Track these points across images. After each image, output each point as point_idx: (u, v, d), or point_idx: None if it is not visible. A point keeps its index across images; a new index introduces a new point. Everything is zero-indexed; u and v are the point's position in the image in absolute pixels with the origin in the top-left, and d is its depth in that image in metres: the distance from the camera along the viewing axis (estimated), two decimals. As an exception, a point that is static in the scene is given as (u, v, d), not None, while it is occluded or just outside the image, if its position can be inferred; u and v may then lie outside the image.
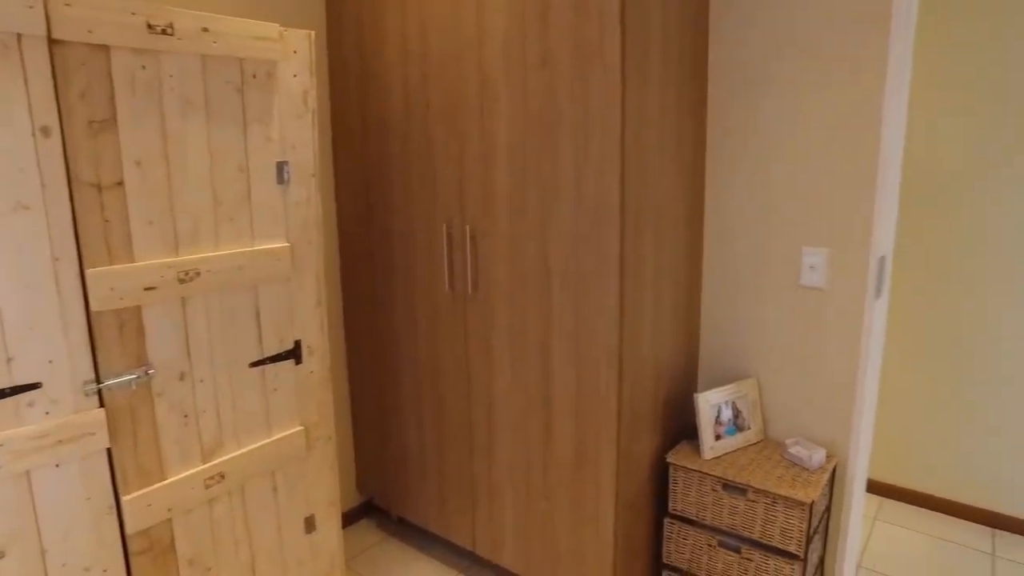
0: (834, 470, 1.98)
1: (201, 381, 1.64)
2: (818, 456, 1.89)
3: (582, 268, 1.79)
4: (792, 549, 1.80)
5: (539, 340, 1.93)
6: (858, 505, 2.08)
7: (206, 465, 1.67)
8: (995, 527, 2.66)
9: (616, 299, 1.74)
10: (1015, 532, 2.62)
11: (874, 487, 2.90)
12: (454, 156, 2.03)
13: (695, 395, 1.96)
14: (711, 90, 2.06)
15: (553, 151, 1.79)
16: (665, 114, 1.85)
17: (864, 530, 2.63)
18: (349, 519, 2.66)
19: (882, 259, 1.89)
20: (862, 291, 1.87)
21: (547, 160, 1.81)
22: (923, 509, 2.79)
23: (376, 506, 2.75)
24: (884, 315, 2.00)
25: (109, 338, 1.45)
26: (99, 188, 1.40)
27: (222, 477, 1.70)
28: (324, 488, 1.97)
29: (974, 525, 2.68)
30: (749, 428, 2.05)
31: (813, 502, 1.75)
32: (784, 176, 1.95)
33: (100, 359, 1.45)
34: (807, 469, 1.89)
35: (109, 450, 1.49)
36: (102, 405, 1.46)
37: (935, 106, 2.56)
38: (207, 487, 1.67)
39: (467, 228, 2.03)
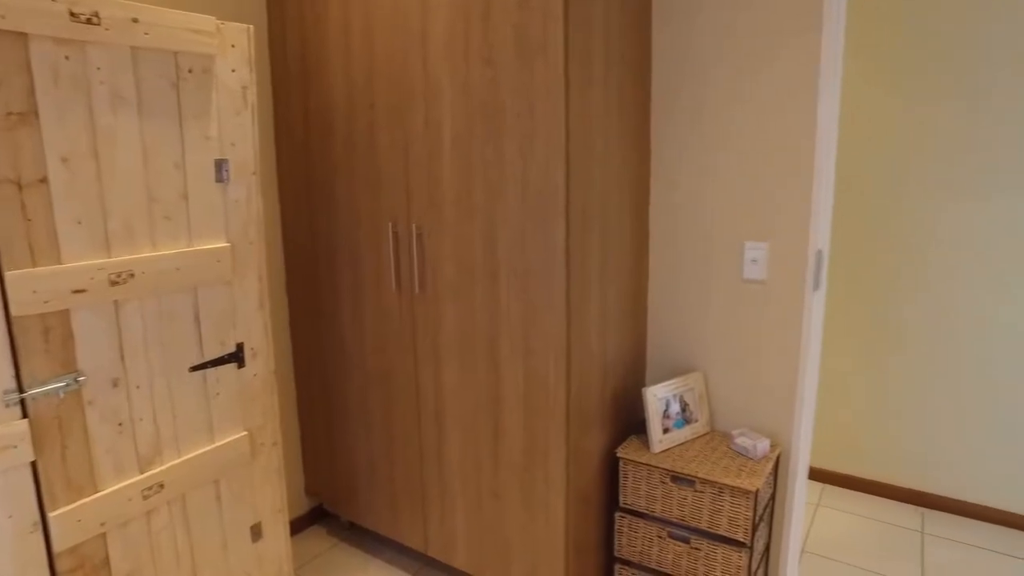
0: (778, 459, 2.03)
1: (137, 387, 1.57)
2: (762, 446, 1.93)
3: (529, 264, 1.79)
4: (739, 537, 1.84)
5: (487, 338, 1.92)
6: (801, 492, 2.15)
7: (143, 475, 1.60)
8: (924, 506, 2.78)
9: (563, 295, 1.74)
10: (940, 510, 2.75)
11: (817, 474, 3.00)
12: (400, 154, 2.00)
13: (643, 390, 1.98)
14: (655, 88, 2.09)
15: (498, 148, 1.79)
16: (609, 111, 1.87)
17: (808, 516, 2.72)
18: (298, 526, 2.60)
19: (819, 252, 1.95)
20: (801, 284, 1.93)
21: (492, 157, 1.80)
22: (861, 493, 2.90)
23: (326, 511, 2.69)
24: (822, 307, 2.07)
25: (32, 344, 1.38)
26: (19, 185, 1.32)
27: (161, 487, 1.63)
28: (270, 495, 1.91)
29: (906, 505, 2.80)
30: (697, 421, 2.09)
31: (758, 490, 1.79)
32: (726, 172, 2.00)
33: (22, 367, 1.37)
34: (752, 459, 1.94)
35: (34, 463, 1.41)
36: (25, 416, 1.38)
37: (871, 103, 2.66)
38: (145, 498, 1.60)
39: (413, 226, 2.01)
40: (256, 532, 1.89)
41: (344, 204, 2.18)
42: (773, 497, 2.06)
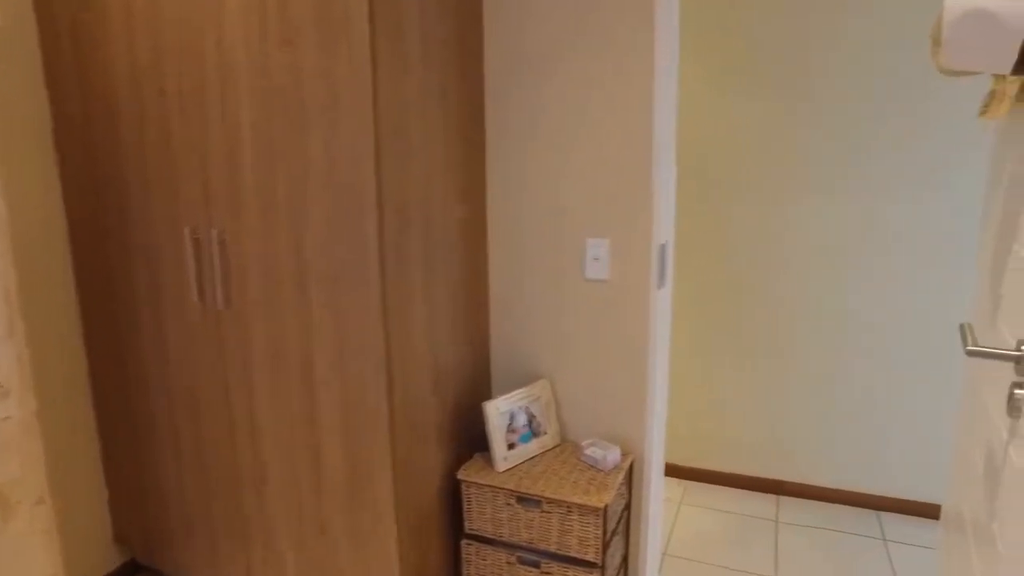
0: (631, 467, 1.93)
1: None
2: (613, 456, 1.82)
3: (340, 270, 1.57)
4: (590, 557, 1.72)
5: (300, 353, 1.68)
6: (657, 498, 2.07)
7: None
8: (780, 493, 2.82)
9: (379, 303, 1.54)
10: (794, 496, 2.80)
11: (680, 472, 2.98)
12: (196, 148, 1.72)
13: (484, 404, 1.82)
14: (488, 78, 1.93)
15: (302, 141, 1.56)
16: (431, 99, 1.68)
17: (670, 517, 2.67)
18: (106, 585, 2.23)
19: (663, 247, 1.86)
20: (646, 281, 1.83)
21: (296, 151, 1.57)
22: (723, 487, 2.90)
23: (141, 564, 2.34)
24: (668, 304, 1.99)
25: None
26: None
27: None
28: (38, 564, 1.58)
29: (763, 495, 2.83)
30: (545, 433, 1.95)
31: (606, 507, 1.67)
32: (565, 166, 1.87)
33: None
34: (603, 471, 1.82)
35: None
36: None
37: (713, 99, 2.64)
38: None
39: (214, 231, 1.73)
40: (22, 609, 1.55)
41: (137, 207, 1.86)
42: (628, 506, 1.96)
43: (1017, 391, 0.88)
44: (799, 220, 2.60)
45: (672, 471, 2.98)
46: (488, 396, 2.10)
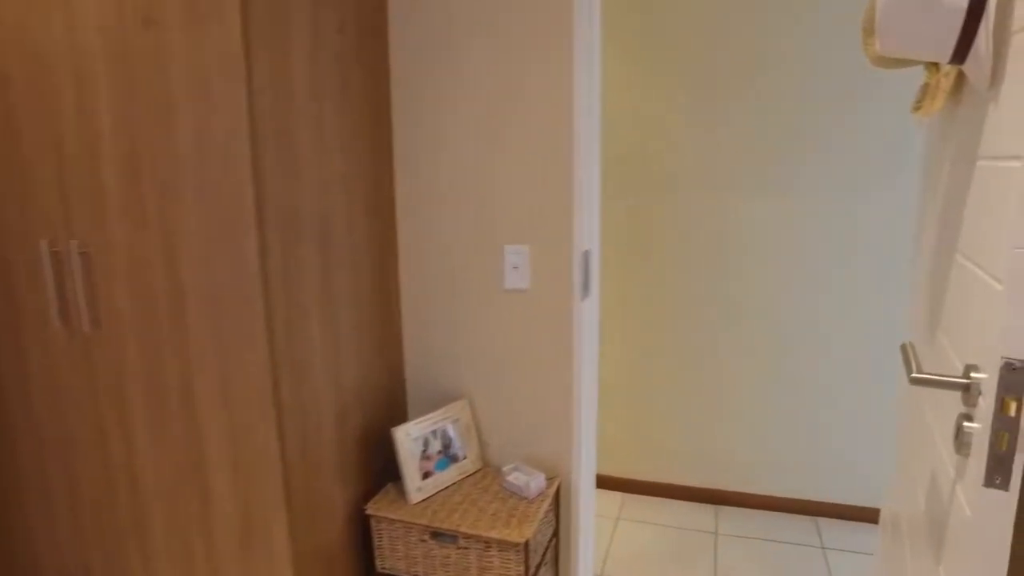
0: (558, 491, 1.79)
1: None
2: (536, 482, 1.67)
3: (220, 288, 1.37)
4: (512, 595, 1.56)
5: (181, 384, 1.47)
6: (588, 521, 1.93)
7: None
8: (718, 504, 2.74)
9: (263, 323, 1.35)
10: (733, 505, 2.72)
11: (616, 484, 2.86)
12: (50, 150, 1.48)
13: (392, 430, 1.64)
14: (395, 73, 1.75)
15: (170, 139, 1.35)
16: (324, 95, 1.50)
17: (607, 534, 2.55)
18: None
19: (586, 254, 1.72)
20: (568, 290, 1.69)
21: (163, 151, 1.36)
22: (662, 498, 2.80)
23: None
24: (595, 314, 1.86)
25: None
26: None
27: None
28: None
29: (702, 505, 2.74)
30: (465, 457, 1.78)
31: (527, 541, 1.52)
32: (481, 169, 1.71)
33: None
34: (526, 498, 1.67)
35: None
36: None
37: (640, 95, 2.53)
38: None
39: (74, 243, 1.50)
40: None
41: (-15, 217, 1.61)
42: (556, 534, 1.82)
43: (966, 424, 0.76)
44: (731, 221, 2.51)
45: (609, 483, 2.87)
46: (404, 419, 1.92)
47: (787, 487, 2.65)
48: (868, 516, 2.58)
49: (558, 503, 1.80)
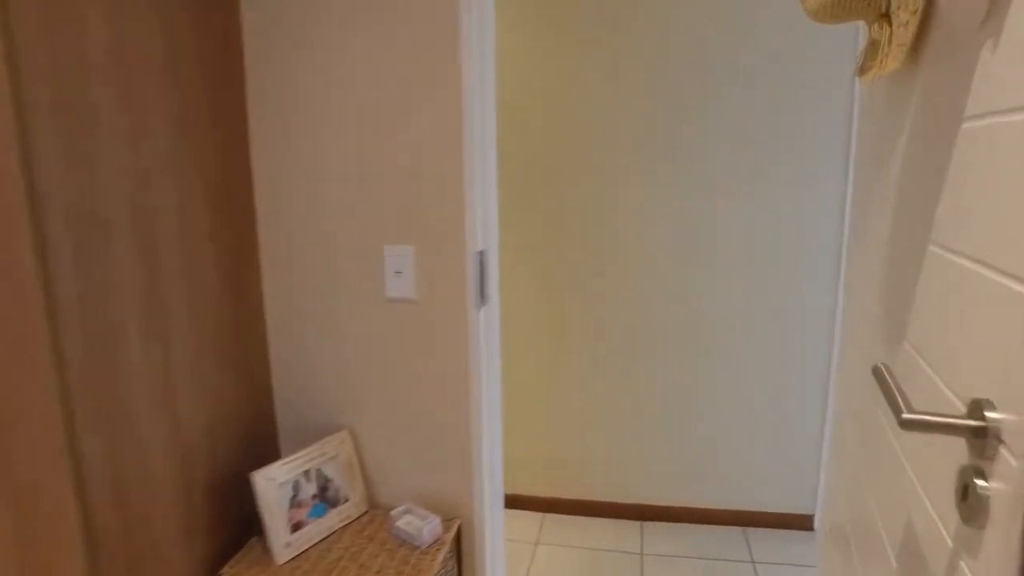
0: (459, 533, 1.52)
1: None
2: (431, 527, 1.40)
3: (-14, 314, 1.03)
4: (403, 669, 1.29)
5: (-52, 442, 1.11)
6: (497, 560, 1.68)
7: None
8: (642, 519, 2.55)
9: (49, 353, 1.02)
10: (658, 520, 2.54)
11: (535, 504, 2.63)
12: None
13: (252, 475, 1.33)
14: (249, 38, 1.43)
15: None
16: (133, 63, 1.17)
17: (524, 562, 2.31)
18: None
19: (482, 254, 1.46)
20: (462, 297, 1.43)
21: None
22: (581, 516, 2.58)
23: None
24: (496, 323, 1.60)
25: None
26: None
27: None
28: None
29: (626, 522, 2.54)
30: (347, 500, 1.49)
31: (417, 605, 1.25)
32: (354, 155, 1.42)
33: None
34: (419, 547, 1.40)
35: None
36: None
37: (540, 74, 2.29)
38: None
39: None
40: None
41: None
42: (460, 580, 1.55)
43: (979, 483, 0.55)
44: (643, 218, 2.31)
45: (527, 503, 2.63)
46: (276, 456, 1.61)
47: (714, 498, 2.49)
48: (798, 523, 2.45)
49: (460, 547, 1.54)
